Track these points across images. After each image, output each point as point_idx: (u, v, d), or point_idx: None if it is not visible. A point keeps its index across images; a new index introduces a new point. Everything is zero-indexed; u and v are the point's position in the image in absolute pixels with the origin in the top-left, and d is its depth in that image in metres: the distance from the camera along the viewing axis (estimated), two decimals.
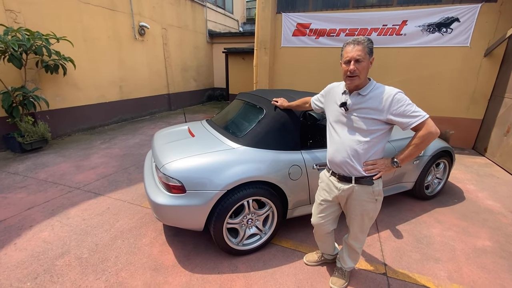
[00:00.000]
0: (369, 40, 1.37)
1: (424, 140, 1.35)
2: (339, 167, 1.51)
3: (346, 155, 1.46)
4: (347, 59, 1.37)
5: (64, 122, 5.50)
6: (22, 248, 2.12)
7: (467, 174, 3.88)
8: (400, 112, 1.33)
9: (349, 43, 1.39)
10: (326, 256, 1.99)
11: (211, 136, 2.30)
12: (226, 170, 1.87)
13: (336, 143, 1.51)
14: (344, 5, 5.26)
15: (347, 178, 1.51)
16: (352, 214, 1.59)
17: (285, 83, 5.94)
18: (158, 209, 1.85)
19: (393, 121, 1.37)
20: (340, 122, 1.50)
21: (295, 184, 2.10)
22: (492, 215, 2.81)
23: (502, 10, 4.40)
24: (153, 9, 7.62)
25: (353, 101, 1.43)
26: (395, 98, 1.34)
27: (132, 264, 1.97)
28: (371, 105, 1.38)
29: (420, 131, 1.35)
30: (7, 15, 4.40)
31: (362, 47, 1.34)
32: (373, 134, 1.41)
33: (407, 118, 1.33)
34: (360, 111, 1.41)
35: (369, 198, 1.51)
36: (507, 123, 4.13)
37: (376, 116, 1.38)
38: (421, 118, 1.32)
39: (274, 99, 2.16)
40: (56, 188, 3.14)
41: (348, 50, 1.38)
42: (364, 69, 1.36)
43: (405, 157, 1.42)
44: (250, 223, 2.06)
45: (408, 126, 1.35)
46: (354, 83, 1.40)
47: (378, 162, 1.45)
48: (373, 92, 1.40)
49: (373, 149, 1.44)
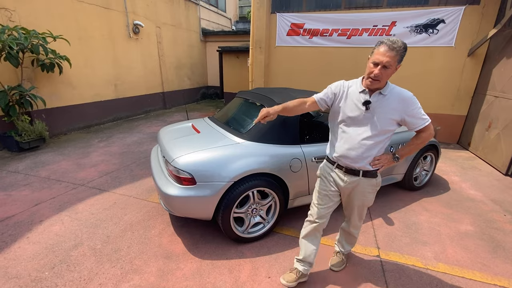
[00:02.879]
0: (405, 47, 1.33)
1: (425, 141, 1.50)
2: (351, 162, 1.54)
3: (360, 153, 1.49)
4: (376, 61, 1.34)
5: (60, 121, 5.49)
6: (36, 241, 2.20)
7: (452, 166, 4.15)
8: (414, 114, 1.42)
9: (384, 43, 1.33)
10: (303, 270, 1.80)
11: (216, 132, 2.43)
12: (232, 163, 2.01)
13: (350, 140, 1.51)
14: (336, 6, 5.45)
15: (355, 172, 1.56)
16: (354, 204, 1.68)
17: (280, 81, 6.09)
18: (169, 200, 1.97)
19: (405, 122, 1.46)
20: (357, 120, 1.49)
21: (296, 176, 2.26)
22: (474, 203, 3.06)
23: (484, 12, 4.67)
24: (147, 8, 7.62)
25: (374, 100, 1.45)
26: (411, 101, 1.42)
27: (145, 253, 2.09)
28: (391, 105, 1.43)
29: (423, 133, 1.47)
30: (1, 13, 4.36)
31: (395, 54, 1.31)
32: (387, 133, 1.49)
33: (418, 120, 1.43)
34: (381, 111, 1.44)
35: (372, 189, 1.63)
36: (489, 119, 4.41)
37: (394, 116, 1.44)
38: (427, 121, 1.44)
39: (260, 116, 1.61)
40: (60, 185, 3.20)
41: (381, 52, 1.33)
42: (388, 76, 1.38)
43: (405, 153, 1.56)
44: (254, 213, 2.21)
45: (417, 127, 1.45)
46: (374, 86, 1.42)
47: (382, 158, 1.54)
48: (392, 92, 1.45)
49: (384, 146, 1.53)
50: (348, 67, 5.46)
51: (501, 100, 4.17)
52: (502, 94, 4.16)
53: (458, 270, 2.02)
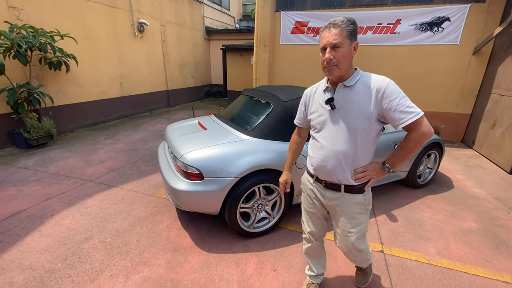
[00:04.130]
0: (349, 21, 1.14)
1: (417, 142, 1.16)
2: (328, 175, 1.32)
3: (337, 162, 1.26)
4: (322, 46, 1.16)
5: (67, 119, 5.58)
6: (48, 234, 2.27)
7: (456, 165, 4.15)
8: (392, 106, 1.12)
9: (325, 28, 1.17)
10: (319, 281, 1.75)
11: (222, 129, 2.48)
12: (239, 159, 2.05)
13: (323, 148, 1.29)
14: (341, 4, 5.45)
15: (335, 186, 1.32)
16: (343, 229, 1.40)
17: (284, 79, 6.12)
18: (178, 195, 2.02)
19: (385, 117, 1.17)
20: (327, 124, 1.28)
21: (300, 172, 2.26)
22: (478, 201, 3.07)
23: (490, 10, 4.65)
24: (151, 6, 7.67)
25: (339, 96, 1.23)
26: (388, 89, 1.13)
27: (153, 246, 2.15)
28: (360, 97, 1.18)
29: (413, 132, 1.15)
30: (10, 12, 4.44)
31: (340, 30, 1.11)
32: (365, 134, 1.22)
33: (401, 114, 1.11)
34: (349, 107, 1.20)
35: (361, 209, 1.35)
36: (493, 117, 4.41)
37: (368, 111, 1.17)
38: (415, 115, 1.11)
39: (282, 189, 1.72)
40: (69, 181, 3.27)
41: (323, 36, 1.16)
42: (344, 57, 1.14)
43: (397, 161, 1.24)
44: (260, 208, 2.25)
45: (401, 123, 1.13)
46: (333, 74, 1.18)
47: (368, 169, 1.28)
48: (361, 82, 1.20)
49: (365, 152, 1.27)
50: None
51: (506, 98, 4.15)
52: (507, 92, 4.15)
53: (461, 266, 2.05)
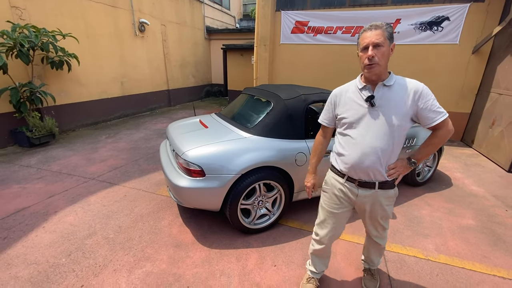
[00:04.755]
0: (388, 24, 1.26)
1: (444, 139, 1.30)
2: (364, 172, 1.36)
3: (375, 158, 1.31)
4: (365, 45, 1.24)
5: (69, 118, 5.62)
6: (51, 230, 2.31)
7: (455, 163, 4.18)
8: (427, 107, 1.25)
9: (365, 30, 1.27)
10: (319, 276, 1.79)
11: (223, 127, 2.51)
12: (240, 156, 2.08)
13: (359, 144, 1.33)
14: (340, 3, 5.48)
15: (370, 184, 1.38)
16: (374, 220, 1.51)
17: (284, 78, 6.15)
18: (179, 191, 2.06)
19: (419, 116, 1.28)
20: (364, 122, 1.32)
21: (300, 170, 2.33)
22: (476, 198, 3.10)
23: (489, 9, 4.67)
24: (152, 6, 7.70)
25: (378, 94, 1.29)
26: (424, 91, 1.26)
27: (155, 242, 2.18)
28: (399, 97, 1.27)
29: (440, 130, 1.28)
30: (12, 11, 4.47)
31: (381, 31, 1.22)
32: (400, 131, 1.30)
33: (433, 114, 1.25)
34: (389, 105, 1.28)
35: (390, 202, 1.45)
36: (493, 116, 4.43)
37: (405, 109, 1.27)
38: (444, 114, 1.25)
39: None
40: (72, 179, 3.31)
41: (365, 36, 1.25)
42: (384, 56, 1.23)
43: (422, 156, 1.37)
44: (260, 205, 2.29)
45: (432, 122, 1.26)
46: (374, 72, 1.26)
47: (397, 165, 1.37)
48: (397, 83, 1.30)
49: (398, 149, 1.35)
50: (353, 64, 5.49)
51: (505, 97, 4.18)
52: (506, 91, 4.17)
53: (459, 261, 2.08)
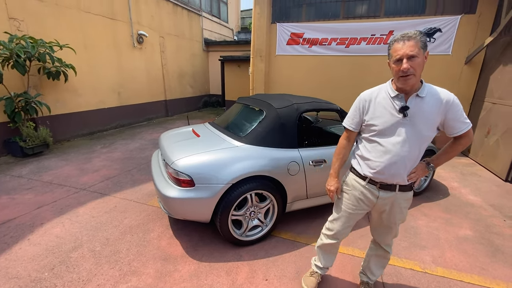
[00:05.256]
0: (421, 33, 1.22)
1: (464, 147, 1.35)
2: (389, 178, 1.38)
3: (402, 166, 1.33)
4: (398, 57, 1.22)
5: (64, 127, 5.59)
6: (36, 243, 2.23)
7: (452, 173, 4.15)
8: (456, 117, 1.27)
9: (397, 40, 1.24)
10: (322, 272, 1.86)
11: (216, 136, 2.48)
12: (230, 165, 2.05)
13: (389, 153, 1.34)
14: (335, 16, 5.59)
15: (391, 187, 1.41)
16: (391, 222, 1.51)
17: (280, 89, 6.18)
18: (168, 202, 2.01)
19: (445, 125, 1.30)
20: (395, 131, 1.32)
21: (293, 179, 2.29)
22: (473, 208, 3.05)
23: (480, 21, 4.77)
24: (151, 18, 7.85)
25: (411, 105, 1.28)
26: (454, 102, 1.26)
27: (143, 255, 2.11)
28: (432, 107, 1.27)
29: (463, 139, 1.32)
30: (10, 23, 4.53)
31: (415, 42, 1.19)
32: (428, 140, 1.33)
33: (460, 124, 1.28)
34: (421, 116, 1.28)
35: (407, 204, 1.48)
36: (487, 125, 4.44)
37: (436, 120, 1.28)
38: (469, 125, 1.28)
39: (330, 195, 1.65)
40: (62, 189, 3.25)
41: (397, 48, 1.23)
42: (419, 66, 1.21)
43: (441, 162, 1.43)
44: (252, 215, 2.23)
45: (458, 132, 1.28)
46: (409, 84, 1.24)
47: (417, 169, 1.39)
48: (430, 93, 1.29)
49: (421, 156, 1.37)
50: (347, 75, 5.56)
51: (499, 106, 4.20)
52: (499, 100, 4.20)
53: (457, 274, 2.01)
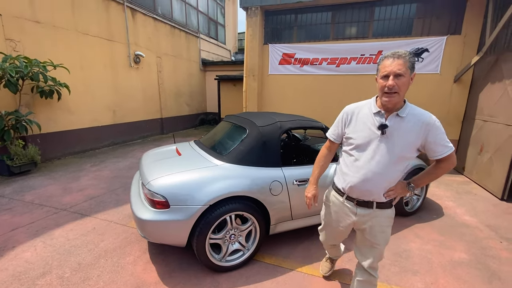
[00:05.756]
0: (411, 54, 1.26)
1: (446, 171, 1.34)
2: (364, 193, 1.40)
3: (376, 183, 1.35)
4: (385, 73, 1.24)
5: (56, 146, 5.55)
6: (3, 268, 2.10)
7: (447, 191, 4.05)
8: (437, 140, 1.26)
9: (387, 57, 1.27)
10: (335, 258, 2.10)
11: (197, 155, 2.43)
12: (208, 185, 1.97)
13: (364, 168, 1.36)
14: (325, 37, 5.76)
15: (368, 204, 1.41)
16: (374, 242, 1.46)
17: (273, 107, 6.23)
18: (142, 224, 1.91)
19: (426, 148, 1.30)
20: (371, 147, 1.34)
21: (276, 200, 2.20)
22: (469, 229, 2.93)
23: (466, 41, 4.90)
24: (149, 40, 8.08)
25: (391, 123, 1.30)
26: (435, 125, 1.27)
27: (114, 282, 1.97)
28: (411, 128, 1.28)
29: (444, 163, 1.31)
30: (7, 43, 4.63)
31: (403, 61, 1.22)
32: (405, 160, 1.33)
33: (440, 148, 1.27)
34: (399, 135, 1.29)
35: (388, 222, 1.46)
36: (480, 143, 4.40)
37: (414, 141, 1.29)
38: (450, 149, 1.28)
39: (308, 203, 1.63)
40: (42, 210, 3.14)
41: (386, 64, 1.25)
42: (404, 86, 1.23)
43: (421, 183, 1.41)
44: (233, 239, 2.11)
45: (440, 155, 1.28)
46: (392, 101, 1.26)
47: (397, 187, 1.39)
48: (412, 114, 1.30)
49: (400, 176, 1.38)
50: (338, 93, 5.62)
51: (489, 124, 4.19)
52: (490, 118, 4.20)
53: None
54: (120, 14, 6.95)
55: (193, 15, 10.78)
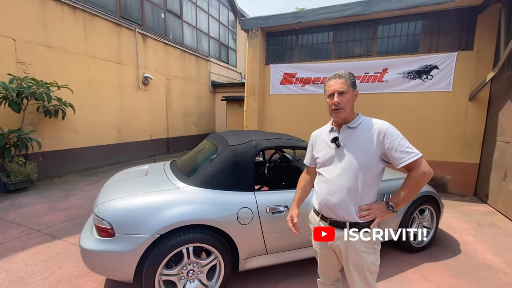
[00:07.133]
0: (350, 73, 1.37)
1: (418, 181, 1.26)
2: (333, 209, 1.36)
3: (341, 196, 1.33)
4: (330, 93, 1.35)
5: (58, 164, 5.62)
6: None
7: (466, 223, 3.49)
8: (393, 146, 1.26)
9: (330, 78, 1.38)
10: None
11: (163, 176, 2.22)
12: (163, 211, 1.74)
13: (327, 182, 1.38)
14: (327, 56, 5.61)
15: (339, 224, 1.35)
16: (353, 272, 1.35)
17: (274, 127, 6.02)
18: (83, 254, 1.69)
19: (388, 156, 1.29)
20: (332, 161, 1.39)
21: (246, 230, 1.92)
22: (491, 272, 2.41)
23: (479, 57, 4.52)
24: (158, 63, 8.39)
25: (343, 136, 1.37)
26: (388, 131, 1.29)
27: None
28: (363, 137, 1.32)
29: (412, 171, 1.27)
30: (18, 66, 4.91)
31: (344, 80, 1.32)
32: (368, 171, 1.31)
33: (401, 154, 1.25)
34: (353, 145, 1.34)
35: (368, 248, 1.33)
36: (504, 167, 3.86)
37: (370, 149, 1.30)
38: (414, 155, 1.25)
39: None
40: (17, 230, 3.02)
41: (330, 84, 1.36)
42: (349, 102, 1.32)
43: (400, 200, 1.30)
44: (191, 275, 1.82)
45: (402, 162, 1.26)
46: (340, 116, 1.35)
47: (373, 207, 1.33)
48: (363, 125, 1.36)
49: (368, 189, 1.33)
50: None
51: None
52: None
53: None
54: (131, 39, 7.32)
55: (204, 40, 11.23)
